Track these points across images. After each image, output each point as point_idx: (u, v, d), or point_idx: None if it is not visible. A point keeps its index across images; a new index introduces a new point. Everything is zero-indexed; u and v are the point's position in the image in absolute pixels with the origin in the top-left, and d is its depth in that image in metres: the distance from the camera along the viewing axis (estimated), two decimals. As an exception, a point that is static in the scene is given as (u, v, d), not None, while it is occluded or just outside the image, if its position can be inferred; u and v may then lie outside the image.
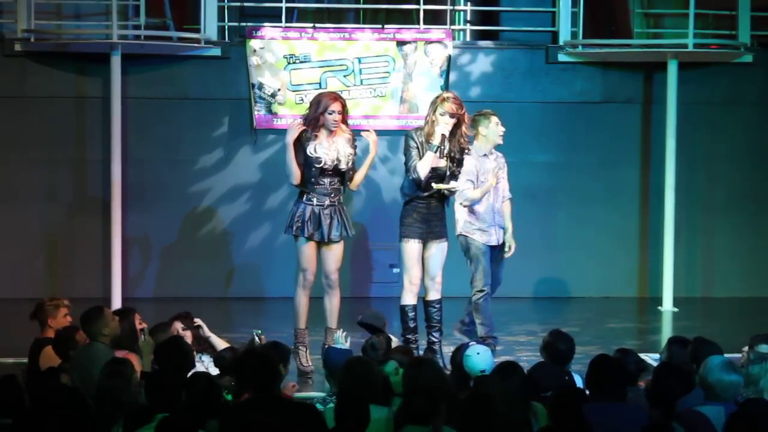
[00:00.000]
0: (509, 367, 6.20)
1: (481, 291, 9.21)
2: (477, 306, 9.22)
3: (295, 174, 8.76)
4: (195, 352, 7.51)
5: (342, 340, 7.71)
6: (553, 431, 5.52)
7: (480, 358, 6.80)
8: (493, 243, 9.34)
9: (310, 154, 8.72)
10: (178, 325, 7.79)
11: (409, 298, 8.94)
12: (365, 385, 5.95)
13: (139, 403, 5.95)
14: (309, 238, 8.79)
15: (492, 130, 9.27)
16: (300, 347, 8.90)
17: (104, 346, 6.98)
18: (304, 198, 8.82)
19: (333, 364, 6.72)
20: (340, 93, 9.39)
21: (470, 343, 7.24)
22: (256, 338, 7.83)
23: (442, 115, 8.70)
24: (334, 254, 8.90)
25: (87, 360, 6.75)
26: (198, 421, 5.55)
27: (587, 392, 6.08)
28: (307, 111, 8.89)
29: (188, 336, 7.73)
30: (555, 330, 7.07)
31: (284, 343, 7.22)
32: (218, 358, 7.35)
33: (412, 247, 8.90)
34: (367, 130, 9.16)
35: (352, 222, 9.12)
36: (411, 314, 8.92)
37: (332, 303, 8.97)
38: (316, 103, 8.80)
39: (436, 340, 8.98)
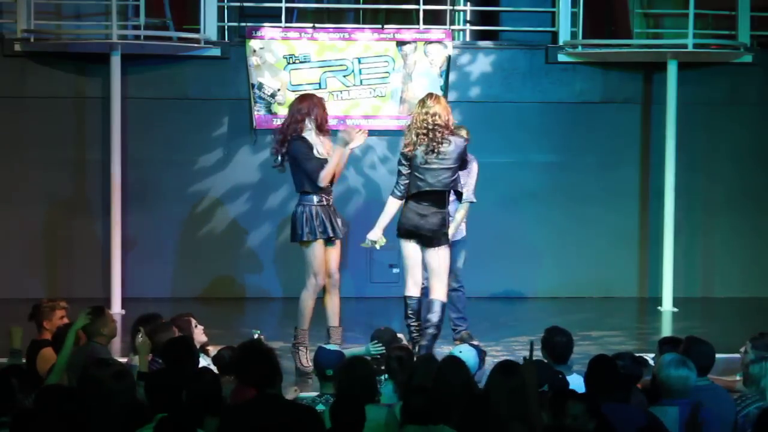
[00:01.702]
0: (510, 367, 6.19)
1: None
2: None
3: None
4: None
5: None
6: (556, 430, 5.51)
7: (461, 355, 6.83)
8: None
9: (318, 155, 8.75)
10: (192, 320, 7.76)
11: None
12: (364, 386, 5.94)
13: (138, 403, 5.94)
14: (327, 239, 8.78)
15: None
16: (300, 347, 8.89)
17: (102, 347, 6.98)
18: (314, 200, 8.76)
19: (322, 364, 6.70)
20: (338, 93, 9.38)
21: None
22: (255, 338, 7.83)
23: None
24: (337, 252, 8.94)
25: (84, 360, 6.73)
26: (198, 419, 5.54)
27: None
28: (308, 114, 8.83)
29: (200, 331, 7.72)
30: (552, 326, 7.08)
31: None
32: (217, 357, 7.34)
33: None
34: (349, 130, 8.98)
35: (350, 222, 9.09)
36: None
37: (333, 302, 8.96)
38: (315, 104, 8.83)
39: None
